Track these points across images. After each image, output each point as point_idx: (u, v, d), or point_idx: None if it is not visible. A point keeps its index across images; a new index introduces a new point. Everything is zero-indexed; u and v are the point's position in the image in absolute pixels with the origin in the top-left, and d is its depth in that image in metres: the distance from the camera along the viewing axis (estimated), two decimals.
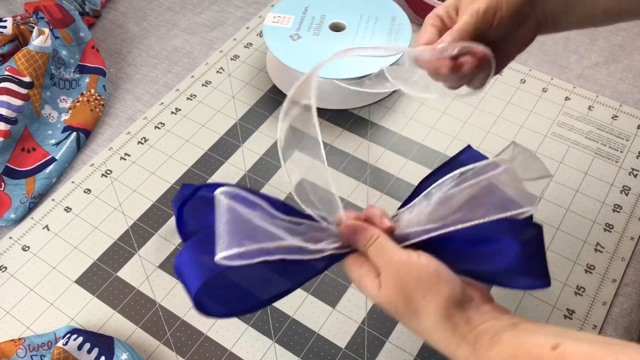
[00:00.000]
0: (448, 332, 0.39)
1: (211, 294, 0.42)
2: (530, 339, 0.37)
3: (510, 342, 0.37)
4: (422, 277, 0.40)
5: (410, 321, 0.41)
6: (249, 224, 0.39)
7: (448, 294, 0.40)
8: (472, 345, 0.39)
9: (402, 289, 0.40)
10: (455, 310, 0.40)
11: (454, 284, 0.40)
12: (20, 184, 0.65)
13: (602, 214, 0.62)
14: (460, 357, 0.39)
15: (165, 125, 0.71)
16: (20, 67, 0.68)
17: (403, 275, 0.40)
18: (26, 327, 0.56)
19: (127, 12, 0.84)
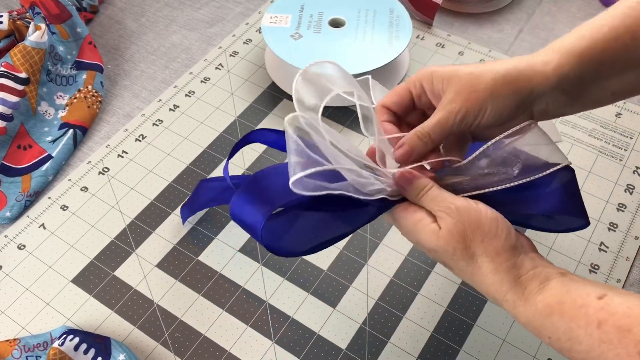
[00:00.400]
0: (502, 273, 0.40)
1: (273, 233, 0.42)
2: (577, 288, 0.38)
3: (557, 289, 0.39)
4: (482, 222, 0.41)
5: (465, 266, 0.42)
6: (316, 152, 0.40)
7: (505, 239, 0.41)
8: (521, 289, 0.40)
9: (461, 233, 0.41)
10: (510, 255, 0.41)
11: (509, 230, 0.41)
12: (16, 182, 0.64)
13: (606, 213, 0.61)
14: (509, 300, 0.40)
15: (163, 122, 0.70)
16: (16, 63, 0.67)
17: (463, 219, 0.41)
18: (21, 327, 0.55)
19: (125, 8, 0.83)
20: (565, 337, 0.37)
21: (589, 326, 0.36)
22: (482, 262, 0.41)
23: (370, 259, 0.58)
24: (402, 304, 0.56)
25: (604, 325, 0.35)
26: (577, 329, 0.36)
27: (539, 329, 0.39)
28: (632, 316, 0.35)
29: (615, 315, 0.35)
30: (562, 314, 0.38)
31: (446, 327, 0.54)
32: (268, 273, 0.57)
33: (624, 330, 0.34)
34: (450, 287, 0.56)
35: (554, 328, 0.38)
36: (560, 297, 0.38)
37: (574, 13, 0.81)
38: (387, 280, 0.57)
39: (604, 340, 0.35)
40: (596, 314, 0.36)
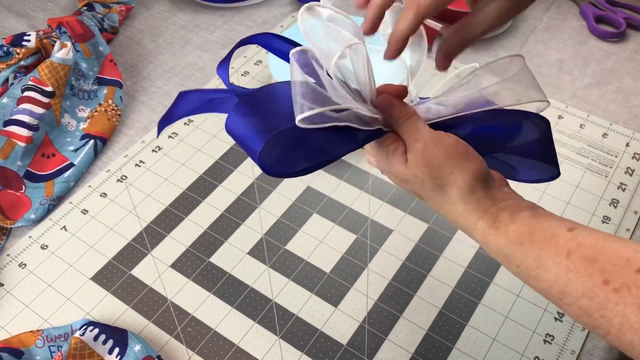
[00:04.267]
0: (471, 204, 0.42)
1: (271, 154, 0.43)
2: (548, 220, 0.40)
3: (528, 220, 0.40)
4: (451, 153, 0.42)
5: (434, 196, 0.43)
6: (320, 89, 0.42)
7: (475, 169, 0.42)
8: (492, 219, 0.41)
9: (430, 164, 0.42)
10: (480, 186, 0.42)
11: (480, 161, 0.43)
12: (40, 187, 0.69)
13: (592, 225, 0.65)
14: (479, 229, 0.42)
15: (178, 135, 0.74)
16: (43, 78, 0.72)
17: (432, 150, 0.42)
18: (44, 320, 0.59)
19: (143, 29, 0.89)
20: (534, 265, 0.39)
21: (558, 255, 0.38)
22: (451, 192, 0.42)
23: (371, 263, 0.62)
24: (399, 304, 0.59)
25: (573, 255, 0.37)
26: (547, 257, 0.38)
27: (509, 257, 0.40)
28: (598, 247, 0.37)
29: (583, 246, 0.37)
30: (532, 243, 0.39)
31: (440, 326, 0.58)
32: (274, 274, 0.62)
33: (590, 260, 0.36)
34: (444, 290, 0.60)
35: (524, 256, 0.39)
36: (532, 227, 0.40)
37: (565, 41, 0.86)
38: (385, 282, 0.61)
39: (571, 269, 0.37)
40: (566, 244, 0.38)
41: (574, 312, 0.37)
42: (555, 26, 0.88)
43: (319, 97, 0.41)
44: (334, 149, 0.44)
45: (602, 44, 0.86)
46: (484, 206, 0.42)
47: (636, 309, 0.34)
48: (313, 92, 0.41)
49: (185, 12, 0.92)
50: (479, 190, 0.43)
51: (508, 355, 0.56)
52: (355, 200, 0.68)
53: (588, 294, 0.36)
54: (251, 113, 0.43)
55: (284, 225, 0.65)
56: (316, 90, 0.41)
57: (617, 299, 0.35)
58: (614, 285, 0.35)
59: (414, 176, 0.43)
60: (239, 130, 0.43)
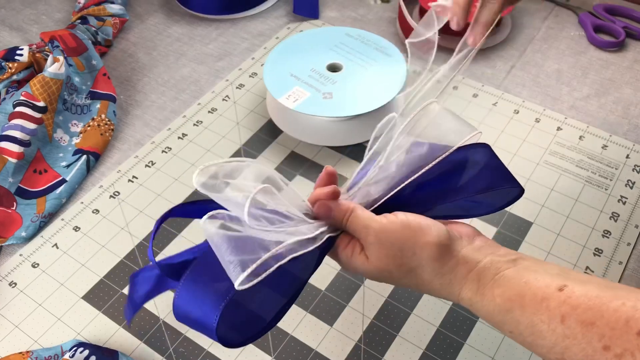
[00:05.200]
0: (447, 276, 0.40)
1: (229, 324, 0.41)
2: (536, 279, 0.38)
3: (515, 281, 0.38)
4: (405, 233, 0.41)
5: (408, 281, 0.42)
6: (247, 241, 0.39)
7: (436, 240, 0.40)
8: (475, 285, 0.39)
9: (389, 255, 0.41)
10: (448, 254, 0.40)
11: (437, 229, 0.41)
12: (31, 204, 0.68)
13: (591, 239, 0.64)
14: (465, 299, 0.40)
15: (172, 149, 0.73)
16: (35, 93, 0.71)
17: (385, 239, 0.41)
18: (34, 340, 0.58)
19: (138, 42, 0.88)
20: (528, 332, 0.37)
21: (552, 321, 0.36)
22: (422, 272, 0.41)
23: (367, 281, 0.61)
24: (396, 322, 0.58)
25: (568, 319, 0.35)
26: (540, 323, 0.36)
27: (500, 324, 0.39)
28: (594, 308, 0.34)
29: (578, 309, 0.35)
30: (523, 309, 0.37)
31: (438, 345, 0.57)
32: None
33: (588, 324, 0.34)
34: (442, 308, 0.59)
35: (516, 323, 0.38)
36: (519, 289, 0.38)
37: (563, 50, 0.85)
38: (382, 300, 0.60)
39: (568, 335, 0.35)
40: (559, 307, 0.35)
41: None
42: (554, 36, 0.87)
43: (250, 244, 0.39)
44: (295, 283, 0.43)
45: (601, 53, 0.85)
46: (460, 274, 0.40)
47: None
48: (243, 242, 0.39)
49: (180, 25, 0.91)
50: (448, 259, 0.41)
51: None
52: None
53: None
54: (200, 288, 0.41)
55: None
56: (246, 239, 0.39)
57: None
58: (616, 351, 0.33)
59: (381, 270, 0.42)
60: (187, 307, 0.41)
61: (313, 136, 0.73)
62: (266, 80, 0.72)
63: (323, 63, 0.75)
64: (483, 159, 0.45)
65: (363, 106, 0.69)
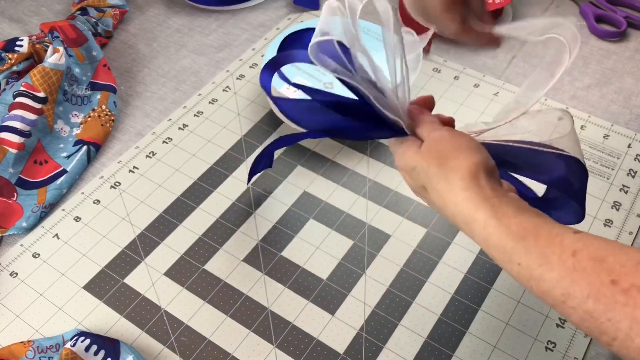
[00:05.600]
0: (473, 191, 0.41)
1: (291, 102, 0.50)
2: (554, 223, 0.39)
3: (533, 217, 0.39)
4: (461, 144, 0.44)
5: (436, 183, 0.43)
6: None
7: (481, 160, 0.43)
8: (494, 209, 0.40)
9: (439, 150, 0.44)
10: (484, 176, 0.42)
11: (487, 156, 0.43)
12: (32, 194, 0.68)
13: (594, 228, 0.64)
14: (480, 219, 0.40)
15: (172, 140, 0.73)
16: (35, 83, 0.71)
17: (443, 140, 0.45)
18: (35, 330, 0.58)
19: (138, 34, 0.88)
20: (537, 264, 0.37)
21: (564, 253, 0.36)
22: (454, 178, 0.42)
23: (368, 269, 0.61)
24: (397, 311, 0.58)
25: (579, 254, 0.35)
26: (551, 255, 0.36)
27: (510, 254, 0.39)
28: (607, 249, 0.35)
29: (591, 246, 0.36)
30: (537, 239, 0.37)
31: (439, 334, 0.57)
32: (270, 282, 0.60)
33: (598, 259, 0.35)
34: (444, 296, 0.59)
35: (527, 252, 0.38)
36: (536, 224, 0.38)
37: None
38: (383, 289, 0.60)
39: (577, 268, 0.35)
40: (572, 243, 0.36)
41: (578, 316, 0.35)
42: None
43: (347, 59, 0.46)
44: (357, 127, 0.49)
45: (602, 43, 0.84)
46: (485, 195, 0.41)
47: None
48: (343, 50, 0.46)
49: (180, 16, 0.91)
50: (482, 179, 0.42)
51: None
52: (353, 205, 0.66)
53: (595, 294, 0.34)
54: None
55: (279, 231, 0.64)
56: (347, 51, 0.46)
57: (626, 300, 0.33)
58: (623, 286, 0.33)
59: (422, 160, 0.45)
60: None
61: None
62: None
63: None
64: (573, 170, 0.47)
65: None
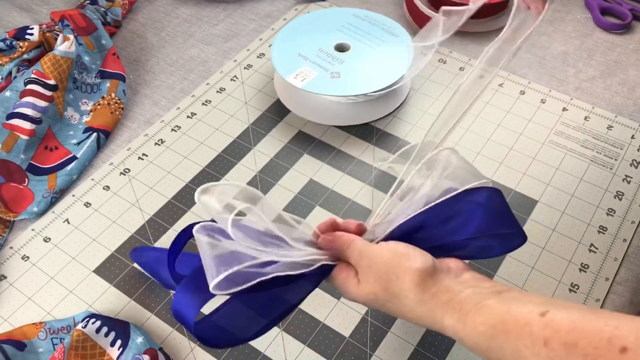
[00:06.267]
0: (429, 303, 0.41)
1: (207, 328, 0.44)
2: (517, 307, 0.38)
3: (496, 309, 0.38)
4: (392, 259, 0.43)
5: (392, 306, 0.43)
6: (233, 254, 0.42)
7: (419, 266, 0.42)
8: (456, 313, 0.40)
9: (377, 278, 0.43)
10: (431, 281, 0.42)
11: (423, 257, 0.43)
12: (42, 180, 0.69)
13: (596, 217, 0.65)
14: (448, 327, 0.40)
15: (181, 128, 0.74)
16: (46, 71, 0.72)
17: (375, 264, 0.43)
18: (47, 312, 0.59)
19: (146, 23, 0.89)
20: (513, 358, 0.37)
21: (536, 345, 0.35)
22: (405, 298, 0.42)
23: None
24: None
25: (551, 342, 0.35)
26: (524, 348, 0.36)
27: (487, 352, 0.39)
28: (576, 330, 0.35)
29: (560, 332, 0.35)
30: (506, 334, 0.37)
31: None
32: None
33: (571, 345, 0.34)
34: None
35: (501, 350, 0.37)
36: (502, 316, 0.38)
37: (569, 33, 0.85)
38: None
39: (552, 357, 0.35)
40: (541, 331, 0.36)
41: None
42: (560, 18, 0.88)
43: (236, 257, 0.41)
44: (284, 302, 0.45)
45: (607, 35, 0.85)
46: (442, 302, 0.41)
47: None
48: (230, 254, 0.41)
49: (188, 6, 0.91)
50: (431, 286, 0.42)
51: None
52: (358, 192, 0.67)
53: None
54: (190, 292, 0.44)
55: None
56: (234, 252, 0.41)
57: None
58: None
59: (369, 293, 0.44)
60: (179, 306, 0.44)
61: (320, 116, 0.73)
62: (274, 60, 0.73)
63: (331, 43, 0.75)
64: (489, 201, 0.46)
65: (371, 85, 0.70)
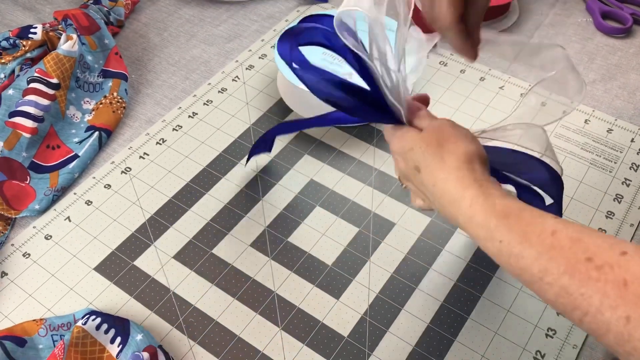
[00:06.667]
0: (464, 172, 0.45)
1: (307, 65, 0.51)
2: (537, 209, 0.41)
3: (518, 202, 0.42)
4: (460, 133, 0.47)
5: (431, 162, 0.46)
6: None
7: (476, 149, 0.46)
8: (482, 189, 0.43)
9: (439, 136, 0.47)
10: (478, 162, 0.46)
11: (483, 150, 0.47)
12: (44, 178, 0.69)
13: (595, 220, 0.65)
14: (467, 197, 0.43)
15: (182, 127, 0.75)
16: (48, 70, 0.72)
17: (445, 128, 0.48)
18: (47, 309, 0.59)
19: (149, 23, 0.89)
20: (517, 241, 0.39)
21: (544, 232, 0.38)
22: (449, 158, 0.45)
23: (373, 256, 0.62)
24: (401, 297, 0.59)
25: (558, 233, 0.38)
26: (532, 233, 0.39)
27: (492, 231, 0.41)
28: (584, 231, 0.38)
29: (570, 228, 0.38)
30: (519, 219, 0.40)
31: (442, 319, 0.58)
32: (277, 266, 0.62)
33: (576, 239, 0.37)
34: (446, 284, 0.60)
35: (508, 230, 0.40)
36: (520, 206, 0.41)
37: (570, 36, 0.86)
38: (387, 275, 0.61)
39: (555, 246, 0.37)
40: (553, 224, 0.39)
41: (554, 292, 0.37)
42: (561, 22, 0.88)
43: None
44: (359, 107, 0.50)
45: (608, 39, 0.85)
46: (475, 176, 0.44)
47: (616, 286, 0.34)
48: None
49: (190, 6, 0.92)
50: (475, 163, 0.45)
51: (509, 348, 0.56)
52: (358, 193, 0.68)
53: (570, 271, 0.36)
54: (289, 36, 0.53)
55: (286, 217, 0.66)
56: None
57: (599, 276, 0.35)
58: (597, 263, 0.35)
59: (422, 141, 0.47)
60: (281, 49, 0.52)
61: None
62: (278, 61, 0.73)
63: None
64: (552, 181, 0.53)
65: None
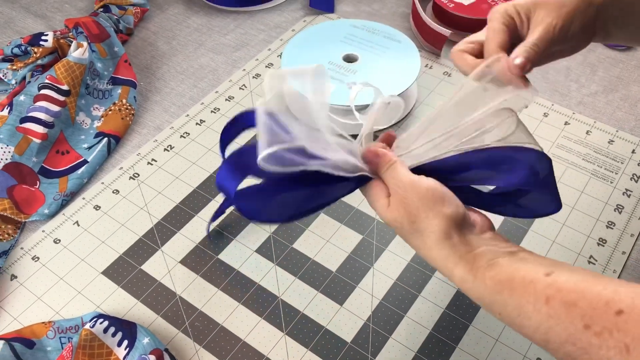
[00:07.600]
0: (447, 250, 0.43)
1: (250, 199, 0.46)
2: (525, 266, 0.40)
3: (507, 267, 0.41)
4: (427, 197, 0.43)
5: (413, 239, 0.45)
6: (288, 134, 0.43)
7: (450, 214, 0.43)
8: (469, 265, 0.42)
9: (407, 209, 0.44)
10: (456, 232, 0.43)
11: (457, 207, 0.44)
12: (54, 183, 0.70)
13: (596, 230, 0.66)
14: (457, 275, 0.42)
15: (190, 134, 0.76)
16: (59, 76, 0.74)
17: (409, 196, 0.44)
18: (55, 312, 0.60)
19: (158, 32, 0.91)
20: (515, 313, 0.39)
21: (538, 302, 0.37)
22: (427, 237, 0.43)
23: (376, 263, 0.63)
24: (404, 304, 0.60)
25: (552, 301, 0.37)
26: (526, 304, 0.38)
27: (490, 306, 0.41)
28: (577, 291, 0.36)
29: (562, 291, 0.37)
30: (511, 291, 0.39)
31: (444, 327, 0.59)
32: (281, 272, 0.63)
33: (570, 305, 0.36)
34: (449, 291, 0.61)
35: (504, 304, 0.39)
36: (510, 274, 0.40)
37: None
38: (390, 282, 0.62)
39: (552, 315, 0.37)
40: (544, 290, 0.37)
41: (560, 357, 0.37)
42: None
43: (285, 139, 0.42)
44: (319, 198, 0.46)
45: (610, 52, 0.86)
46: (459, 252, 0.43)
47: (618, 352, 0.34)
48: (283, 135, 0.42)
49: (199, 15, 0.93)
50: (454, 235, 0.43)
51: (510, 355, 0.57)
52: (362, 201, 0.69)
53: (571, 339, 0.36)
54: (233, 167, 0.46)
55: (291, 224, 0.67)
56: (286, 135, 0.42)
57: (600, 343, 0.35)
58: (595, 330, 0.35)
59: (394, 220, 0.45)
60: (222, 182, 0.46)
61: None
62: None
63: (338, 55, 0.77)
64: (537, 162, 0.46)
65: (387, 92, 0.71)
